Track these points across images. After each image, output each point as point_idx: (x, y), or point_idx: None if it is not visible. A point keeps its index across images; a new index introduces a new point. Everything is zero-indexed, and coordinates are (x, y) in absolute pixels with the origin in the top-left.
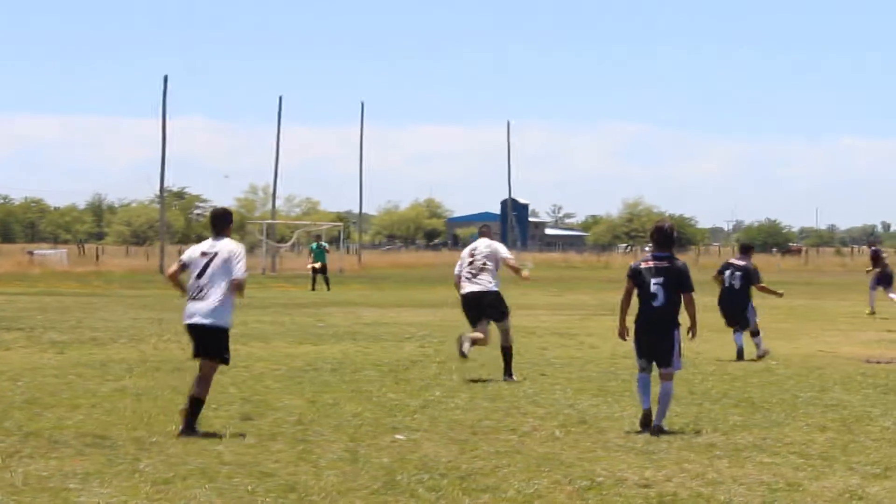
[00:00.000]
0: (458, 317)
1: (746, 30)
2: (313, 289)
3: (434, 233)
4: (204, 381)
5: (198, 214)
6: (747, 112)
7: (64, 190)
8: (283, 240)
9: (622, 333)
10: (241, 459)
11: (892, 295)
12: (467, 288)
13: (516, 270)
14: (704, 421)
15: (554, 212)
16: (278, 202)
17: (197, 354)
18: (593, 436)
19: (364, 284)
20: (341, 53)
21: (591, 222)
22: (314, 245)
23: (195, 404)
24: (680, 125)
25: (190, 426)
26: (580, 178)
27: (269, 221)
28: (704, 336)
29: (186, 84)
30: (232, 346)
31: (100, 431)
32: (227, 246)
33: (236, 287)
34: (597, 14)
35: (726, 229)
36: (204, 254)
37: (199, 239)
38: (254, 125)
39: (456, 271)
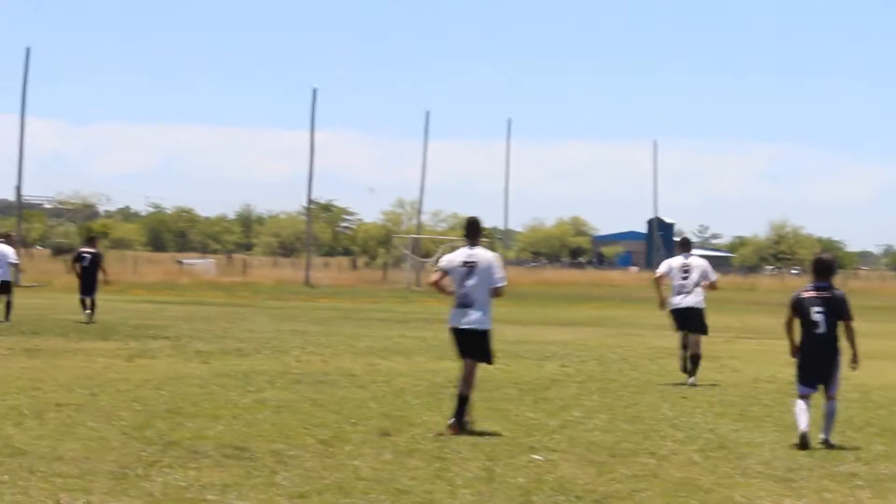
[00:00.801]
0: (599, 337)
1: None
2: None
3: (579, 251)
4: (469, 379)
5: (344, 227)
6: None
7: (214, 200)
8: (428, 255)
9: (794, 352)
10: (378, 475)
11: None
12: (683, 303)
13: (713, 288)
14: (846, 450)
15: (700, 232)
16: (424, 217)
17: (463, 355)
18: (732, 461)
19: (506, 301)
20: (489, 70)
21: (738, 243)
22: None
23: (462, 401)
24: (827, 146)
25: (459, 422)
26: (726, 198)
27: (415, 236)
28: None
29: (335, 97)
30: (372, 361)
31: (239, 443)
32: (486, 255)
33: (497, 294)
34: (744, 36)
35: (876, 253)
36: (465, 263)
37: (346, 252)
38: (401, 139)
39: (661, 272)
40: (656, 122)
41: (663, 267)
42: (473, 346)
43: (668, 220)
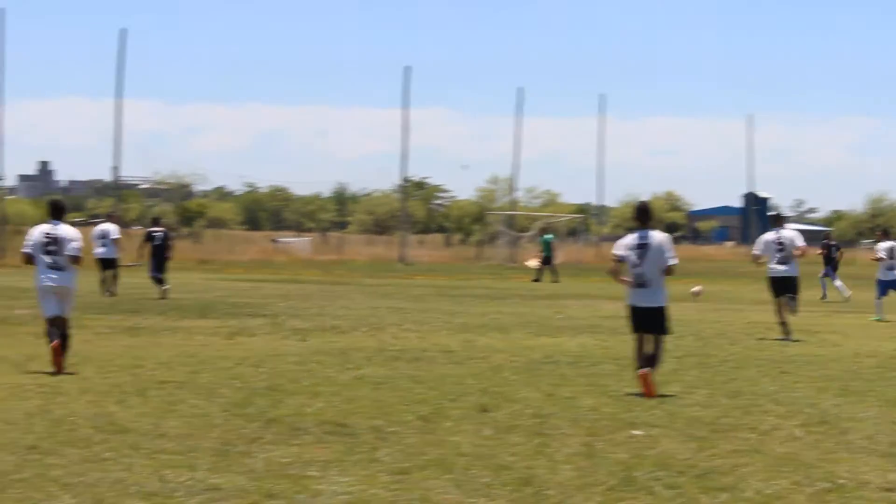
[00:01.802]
0: (696, 312)
1: None
2: (537, 279)
3: (674, 226)
4: (656, 351)
5: (438, 204)
6: None
7: (308, 179)
8: (522, 231)
9: None
10: (479, 451)
11: None
12: (780, 272)
13: (803, 255)
14: None
15: (796, 206)
16: (518, 193)
17: (638, 330)
18: (835, 436)
19: (603, 277)
20: (582, 46)
21: (835, 217)
22: (542, 238)
23: (650, 362)
24: None
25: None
26: (822, 172)
27: (510, 213)
28: None
29: (428, 75)
30: (469, 337)
31: (339, 419)
32: (657, 236)
33: (669, 272)
34: (840, 7)
35: None
36: (638, 245)
37: (440, 229)
38: (494, 116)
39: (757, 251)
40: (752, 97)
41: (759, 245)
42: (652, 321)
43: (763, 194)
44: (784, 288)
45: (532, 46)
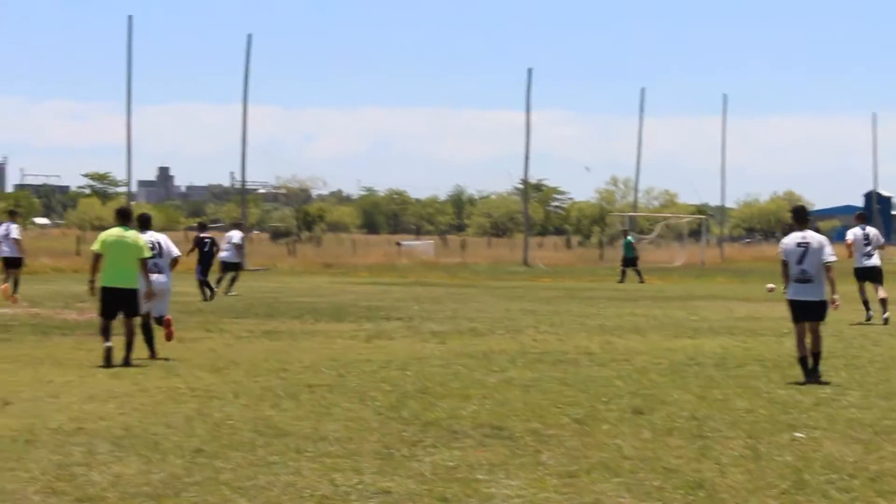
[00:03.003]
0: (831, 312)
1: None
2: (621, 281)
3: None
4: (815, 338)
5: (555, 206)
6: None
7: (424, 182)
8: (642, 232)
9: None
10: (642, 454)
11: None
12: (866, 263)
13: (882, 248)
14: None
15: None
16: (637, 194)
17: (799, 321)
18: None
19: (728, 278)
20: (704, 46)
21: None
22: (625, 239)
23: (816, 358)
24: None
25: (812, 375)
26: None
27: (631, 214)
28: None
29: (549, 77)
30: (608, 339)
31: (495, 422)
32: (816, 237)
33: (828, 269)
34: None
35: None
36: (799, 245)
37: (558, 231)
38: (613, 117)
39: (849, 239)
40: (875, 95)
41: (850, 235)
42: (814, 312)
43: (885, 193)
44: (870, 276)
45: (654, 46)
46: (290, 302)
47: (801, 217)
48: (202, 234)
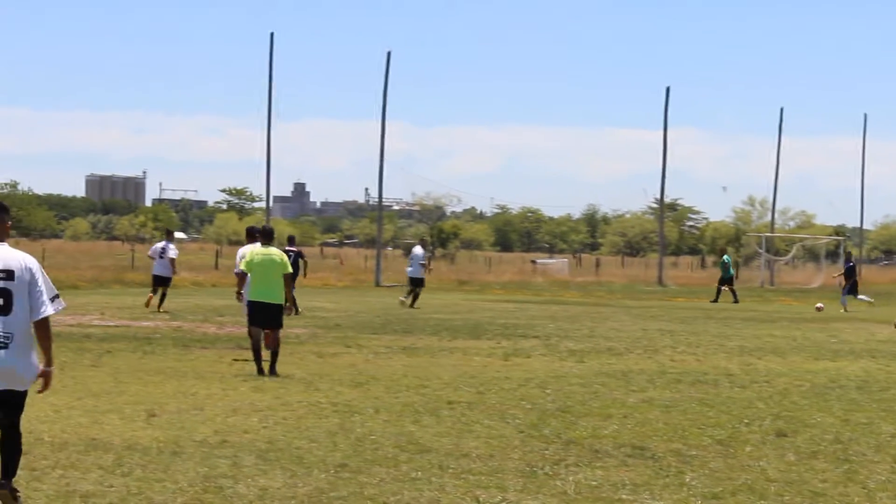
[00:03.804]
0: None
1: None
2: (716, 300)
3: None
4: None
5: (690, 226)
6: None
7: (558, 201)
8: (779, 253)
9: None
10: (787, 477)
11: None
12: None
13: None
14: None
15: None
16: (774, 214)
17: None
18: None
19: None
20: (843, 65)
21: None
22: (723, 258)
23: None
24: None
25: None
26: None
27: (768, 234)
28: None
29: (685, 95)
30: (748, 360)
31: (637, 442)
32: None
33: None
34: None
35: None
36: None
37: (692, 251)
38: (750, 136)
39: None
40: None
41: None
42: None
43: None
44: None
45: (794, 66)
46: (425, 318)
47: None
48: (287, 248)
